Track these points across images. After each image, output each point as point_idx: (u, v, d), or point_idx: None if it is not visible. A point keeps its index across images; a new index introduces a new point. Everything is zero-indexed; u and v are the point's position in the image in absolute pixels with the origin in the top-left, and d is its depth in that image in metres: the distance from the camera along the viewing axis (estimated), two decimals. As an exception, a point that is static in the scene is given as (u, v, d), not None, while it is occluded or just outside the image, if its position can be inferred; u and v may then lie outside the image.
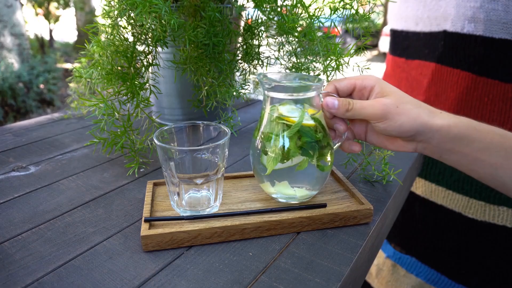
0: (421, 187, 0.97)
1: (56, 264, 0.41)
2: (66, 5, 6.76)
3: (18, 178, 0.59)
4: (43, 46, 6.30)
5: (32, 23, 7.09)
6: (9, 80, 3.69)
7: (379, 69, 0.65)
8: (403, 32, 1.06)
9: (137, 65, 0.60)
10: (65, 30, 8.74)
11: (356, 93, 0.51)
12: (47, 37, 6.85)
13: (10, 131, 0.78)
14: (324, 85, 0.49)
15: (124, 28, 0.58)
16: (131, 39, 0.59)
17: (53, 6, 6.73)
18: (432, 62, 0.95)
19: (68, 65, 5.70)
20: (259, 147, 0.48)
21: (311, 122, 0.47)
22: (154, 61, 0.61)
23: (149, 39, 0.60)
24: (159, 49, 0.67)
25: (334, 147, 0.51)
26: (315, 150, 0.47)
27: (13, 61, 4.16)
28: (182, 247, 0.44)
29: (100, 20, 0.60)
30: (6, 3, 4.01)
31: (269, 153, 0.47)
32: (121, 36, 0.57)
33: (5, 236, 0.45)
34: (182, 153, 0.45)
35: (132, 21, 0.57)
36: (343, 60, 0.59)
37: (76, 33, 6.94)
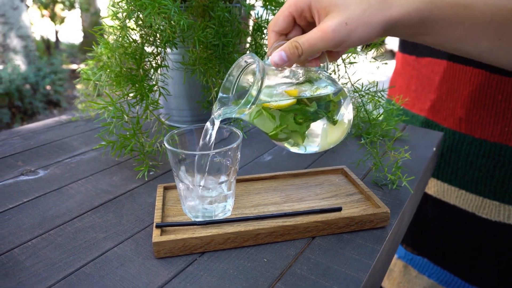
0: (433, 187, 0.96)
1: (67, 271, 0.40)
2: (71, 6, 6.79)
3: (27, 182, 0.58)
4: (49, 47, 6.34)
5: (38, 25, 7.13)
6: (16, 82, 3.72)
7: (386, 67, 0.64)
8: None
9: (145, 67, 0.60)
10: (71, 31, 8.79)
11: (300, 22, 0.45)
12: (53, 39, 6.89)
13: (18, 134, 0.78)
14: (255, 61, 0.42)
15: (133, 29, 0.57)
16: (139, 40, 0.58)
17: (58, 7, 6.76)
18: (443, 60, 0.94)
19: (74, 66, 5.73)
20: (282, 144, 0.47)
21: (289, 100, 0.43)
22: (163, 63, 0.60)
23: (158, 40, 0.59)
24: (168, 50, 0.66)
25: (328, 71, 0.48)
26: (321, 115, 0.44)
27: (20, 63, 4.18)
28: (194, 253, 0.43)
29: (107, 22, 0.59)
30: (12, 5, 4.03)
31: (289, 143, 0.46)
32: (130, 37, 0.56)
33: (15, 242, 0.44)
34: (193, 156, 0.44)
35: (140, 22, 0.56)
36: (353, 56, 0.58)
37: (82, 34, 6.97)
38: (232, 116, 0.44)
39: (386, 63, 0.62)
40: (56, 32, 6.89)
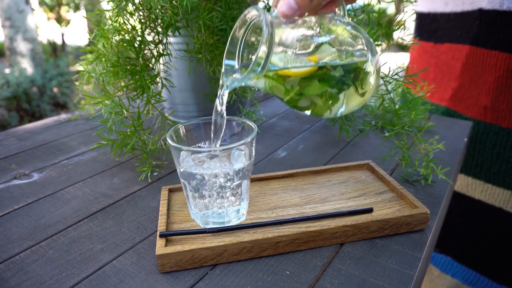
0: (457, 181, 0.90)
1: (58, 290, 0.34)
2: (76, 8, 6.79)
3: (19, 187, 0.53)
4: (56, 50, 6.35)
5: (44, 28, 7.15)
6: (23, 85, 3.71)
7: (396, 59, 0.57)
8: (430, 14, 0.97)
9: (146, 55, 0.54)
10: (77, 33, 8.81)
11: None
12: (59, 41, 6.90)
13: (15, 135, 0.73)
14: (260, 15, 0.35)
15: (131, 14, 0.51)
16: (137, 26, 0.52)
17: (64, 10, 6.76)
18: (465, 45, 0.87)
19: (80, 68, 5.72)
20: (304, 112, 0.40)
21: (309, 66, 0.36)
22: (165, 51, 0.54)
23: (159, 27, 0.53)
24: (171, 39, 0.60)
25: (346, 16, 0.40)
26: (348, 84, 0.37)
27: (27, 65, 4.18)
28: (205, 266, 0.37)
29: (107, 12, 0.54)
30: (18, 8, 4.02)
31: (310, 111, 0.40)
32: (127, 23, 0.50)
33: (1, 256, 0.39)
34: (199, 153, 0.38)
35: (139, 5, 0.50)
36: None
37: (88, 36, 6.97)
38: (242, 85, 0.37)
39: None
40: (62, 35, 6.90)
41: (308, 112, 0.40)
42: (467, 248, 0.93)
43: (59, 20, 6.73)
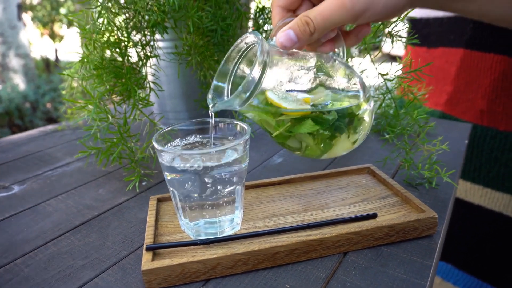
0: None
1: (32, 313, 0.31)
2: (70, 24, 6.80)
3: (-2, 200, 0.50)
4: (49, 65, 6.33)
5: (38, 44, 7.15)
6: (15, 101, 3.67)
7: (387, 69, 0.55)
8: (422, 19, 0.96)
9: (131, 57, 0.51)
10: (70, 49, 8.83)
11: None
12: (53, 57, 6.89)
13: (-3, 148, 0.69)
14: (257, 42, 0.34)
15: (115, 14, 0.48)
16: (120, 24, 0.49)
17: (57, 26, 6.78)
18: (459, 48, 0.86)
19: (74, 84, 5.70)
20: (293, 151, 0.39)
21: (305, 108, 0.35)
22: (152, 53, 0.52)
23: (146, 29, 0.50)
24: (160, 43, 0.58)
25: (344, 58, 0.38)
26: (342, 129, 0.36)
27: (19, 81, 4.15)
28: (196, 281, 0.33)
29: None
30: (10, 24, 4.01)
31: (300, 152, 0.38)
32: (111, 22, 0.47)
33: (-29, 276, 0.35)
34: (190, 157, 0.35)
35: (125, 3, 0.48)
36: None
37: (81, 51, 6.96)
38: (228, 108, 0.35)
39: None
40: (56, 50, 6.90)
41: (298, 153, 0.39)
42: (468, 255, 0.91)
43: (53, 36, 6.73)
